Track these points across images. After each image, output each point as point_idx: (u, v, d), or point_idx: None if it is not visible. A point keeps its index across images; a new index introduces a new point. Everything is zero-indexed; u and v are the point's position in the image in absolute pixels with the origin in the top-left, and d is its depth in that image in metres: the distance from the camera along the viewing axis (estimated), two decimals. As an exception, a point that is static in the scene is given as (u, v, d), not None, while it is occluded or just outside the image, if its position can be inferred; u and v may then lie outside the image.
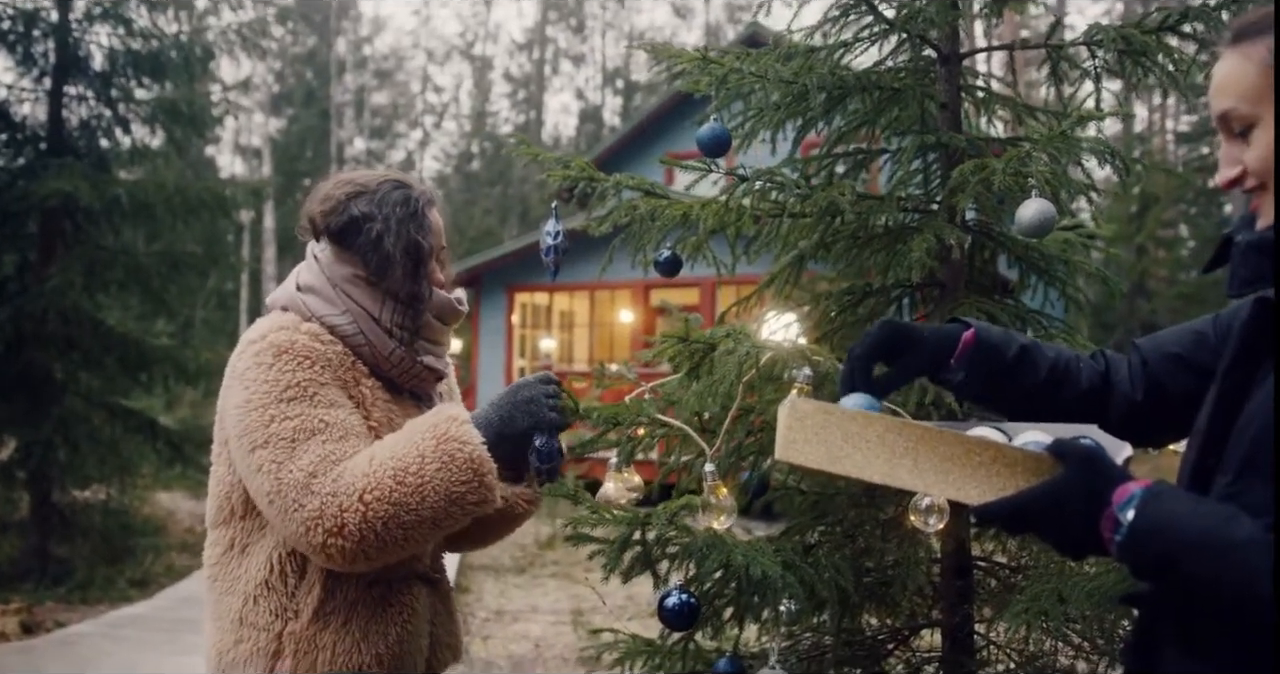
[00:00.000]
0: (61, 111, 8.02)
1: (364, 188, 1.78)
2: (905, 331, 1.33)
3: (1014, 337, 1.35)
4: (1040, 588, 1.86)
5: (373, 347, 1.75)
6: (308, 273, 1.80)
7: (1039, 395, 1.35)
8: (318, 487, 1.57)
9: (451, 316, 1.87)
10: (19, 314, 7.38)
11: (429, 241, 1.77)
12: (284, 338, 1.68)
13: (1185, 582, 1.06)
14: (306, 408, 1.63)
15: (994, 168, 1.84)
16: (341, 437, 1.62)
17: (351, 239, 1.75)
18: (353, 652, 1.68)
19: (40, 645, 5.58)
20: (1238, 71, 1.11)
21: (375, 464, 1.58)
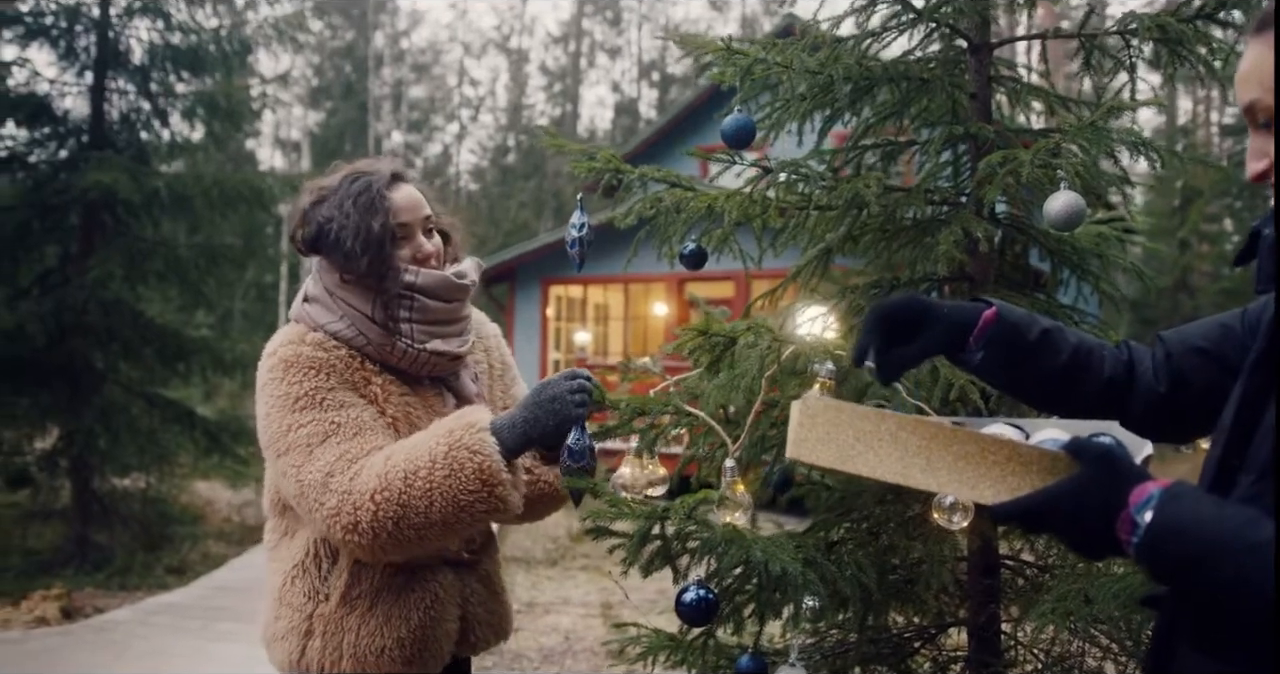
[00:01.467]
0: (103, 105, 8.13)
1: (325, 191, 1.84)
2: (924, 305, 1.29)
3: (1037, 319, 1.31)
4: (1067, 588, 1.83)
5: (373, 343, 1.80)
6: (311, 284, 1.89)
7: (1060, 381, 1.31)
8: (335, 485, 1.65)
9: (451, 293, 1.86)
10: (60, 305, 7.50)
11: (383, 221, 1.78)
12: (290, 352, 1.78)
13: (1203, 586, 1.03)
14: (317, 414, 1.71)
15: (1022, 160, 1.80)
16: (355, 434, 1.70)
17: (322, 245, 1.82)
18: (375, 635, 1.78)
19: (78, 630, 5.68)
20: (1263, 61, 1.08)
21: (389, 464, 1.64)
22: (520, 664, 5.55)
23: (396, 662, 1.78)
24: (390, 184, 1.84)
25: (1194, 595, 1.10)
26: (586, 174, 2.42)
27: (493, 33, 40.15)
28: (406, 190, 1.86)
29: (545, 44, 39.46)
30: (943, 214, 2.22)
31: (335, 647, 1.78)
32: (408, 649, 1.79)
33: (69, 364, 7.65)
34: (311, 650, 1.80)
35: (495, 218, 29.64)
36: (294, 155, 32.65)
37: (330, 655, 1.78)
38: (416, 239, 1.85)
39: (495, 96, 39.63)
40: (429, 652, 1.81)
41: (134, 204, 7.60)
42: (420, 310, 1.83)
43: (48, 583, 6.53)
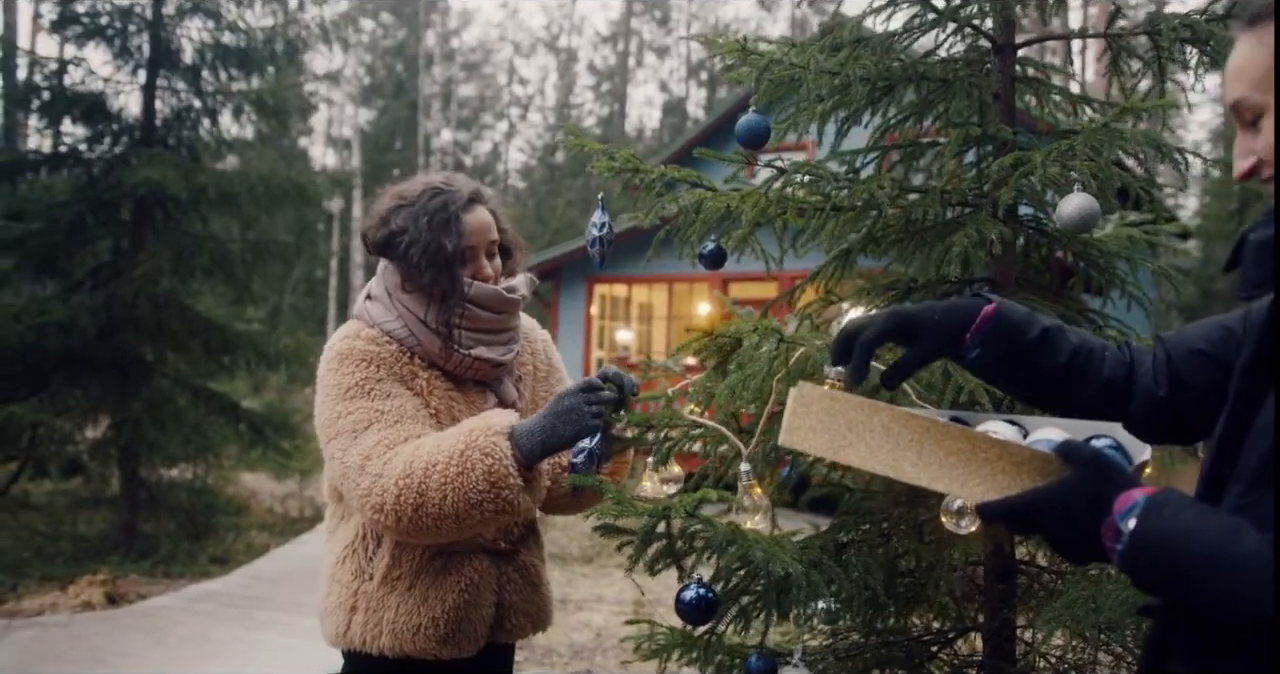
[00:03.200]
0: (154, 103, 8.30)
1: (404, 200, 1.96)
2: (913, 320, 1.27)
3: (1037, 318, 1.29)
4: (1076, 594, 1.81)
5: (423, 346, 1.94)
6: (375, 283, 2.03)
7: (1058, 381, 1.29)
8: (371, 468, 1.77)
9: (502, 305, 1.99)
10: (111, 298, 7.68)
11: (455, 243, 1.90)
12: (345, 346, 1.91)
13: (1184, 596, 1.02)
14: (364, 403, 1.84)
15: (1035, 162, 1.78)
16: (396, 421, 1.82)
17: (392, 251, 1.95)
18: (413, 613, 1.89)
19: (121, 615, 5.82)
20: (1251, 57, 1.06)
21: (416, 454, 1.76)
22: (550, 659, 5.59)
23: (431, 640, 1.88)
24: (466, 206, 1.96)
25: (1180, 606, 1.09)
26: (607, 173, 2.43)
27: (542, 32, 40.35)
28: (479, 213, 1.99)
29: (594, 43, 39.61)
30: (962, 216, 2.20)
31: (375, 623, 1.90)
32: (441, 629, 1.89)
33: (119, 356, 7.82)
34: (355, 625, 1.92)
35: (542, 216, 29.79)
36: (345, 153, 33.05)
37: (371, 631, 1.91)
38: (479, 261, 1.98)
39: (544, 95, 39.84)
40: (462, 633, 1.91)
41: (182, 200, 7.75)
42: (471, 319, 1.95)
43: (94, 569, 6.70)
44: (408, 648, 1.88)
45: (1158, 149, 1.90)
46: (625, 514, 1.69)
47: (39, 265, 8.04)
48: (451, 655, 1.90)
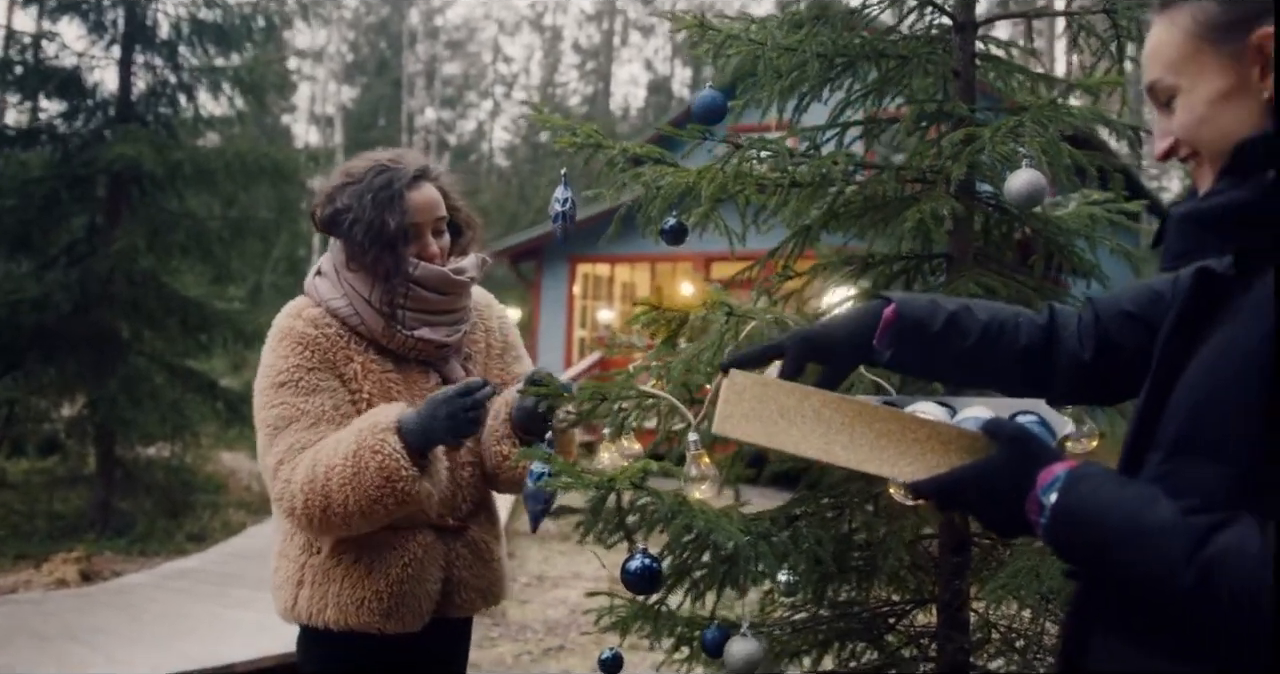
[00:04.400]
0: (129, 79, 8.23)
1: (350, 178, 1.95)
2: (821, 341, 1.32)
3: (941, 305, 1.31)
4: (1021, 564, 1.84)
5: (367, 324, 1.94)
6: (325, 259, 2.04)
7: (974, 360, 1.31)
8: (282, 473, 1.84)
9: (447, 286, 1.98)
10: (86, 275, 7.64)
11: (398, 221, 1.90)
12: (287, 324, 1.95)
13: (1105, 569, 1.04)
14: (289, 397, 1.87)
15: (984, 138, 1.80)
16: (313, 423, 1.86)
17: (336, 229, 1.94)
18: (357, 587, 1.91)
19: (95, 593, 5.83)
20: (1164, 40, 1.08)
21: (318, 458, 1.81)
22: (525, 635, 5.63)
23: (374, 613, 1.90)
24: (412, 183, 1.95)
25: (1103, 580, 1.11)
26: (568, 147, 2.43)
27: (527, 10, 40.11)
28: (426, 190, 1.98)
29: (579, 22, 39.35)
30: (919, 192, 2.21)
31: (321, 596, 1.93)
32: (385, 602, 1.91)
33: (94, 334, 7.80)
34: (302, 599, 1.95)
35: (525, 195, 29.72)
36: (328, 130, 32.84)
37: (317, 604, 1.93)
38: (425, 239, 1.97)
39: (529, 74, 39.62)
40: (405, 607, 1.92)
41: (158, 177, 7.70)
42: (415, 300, 1.95)
43: (70, 546, 6.70)
44: (351, 621, 1.90)
45: (1106, 125, 1.92)
46: (574, 486, 1.71)
47: (13, 242, 7.98)
48: (395, 629, 1.92)
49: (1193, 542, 0.92)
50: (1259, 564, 0.89)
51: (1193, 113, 1.06)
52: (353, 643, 1.93)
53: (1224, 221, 1.03)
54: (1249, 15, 1.01)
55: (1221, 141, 1.04)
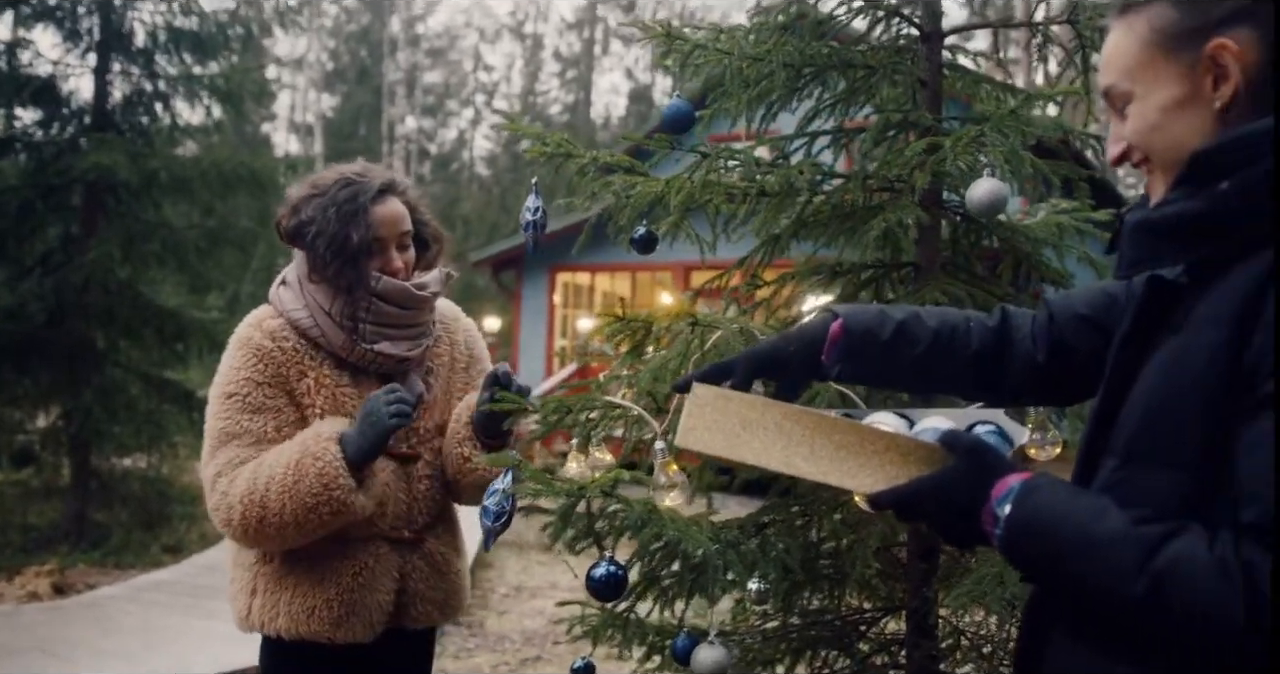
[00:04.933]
0: (105, 87, 8.18)
1: (315, 190, 1.95)
2: (769, 358, 1.33)
3: (889, 315, 1.33)
4: (986, 570, 1.85)
5: (326, 337, 1.95)
6: (290, 269, 2.04)
7: (925, 366, 1.33)
8: (219, 486, 1.87)
9: (408, 301, 1.99)
10: (61, 285, 7.58)
11: (362, 235, 1.90)
12: (246, 334, 1.96)
13: (1057, 580, 1.05)
14: (235, 411, 1.90)
15: (946, 147, 1.82)
16: (254, 442, 1.89)
17: (300, 241, 1.95)
18: (308, 595, 1.93)
19: (68, 606, 5.77)
20: (1121, 45, 1.09)
21: (259, 469, 1.84)
22: (503, 646, 5.61)
23: (324, 622, 1.91)
24: (377, 197, 1.95)
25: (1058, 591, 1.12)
26: (539, 156, 2.44)
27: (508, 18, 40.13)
28: (391, 205, 1.98)
29: (560, 30, 39.43)
30: (885, 202, 2.23)
31: (273, 604, 1.95)
32: (335, 611, 1.92)
33: (69, 344, 7.72)
34: (255, 607, 1.97)
35: (507, 204, 29.68)
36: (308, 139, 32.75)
37: (269, 613, 1.94)
38: (388, 253, 1.97)
39: (510, 83, 39.64)
40: (355, 617, 1.93)
41: (133, 186, 7.65)
42: (376, 313, 1.96)
43: (43, 559, 6.62)
44: (302, 630, 1.91)
45: (1066, 135, 1.94)
46: (544, 493, 1.71)
47: (-13, 252, 7.91)
48: (345, 639, 1.92)
49: (1143, 552, 0.93)
50: (1208, 574, 0.90)
51: (1145, 120, 1.07)
52: (307, 652, 1.94)
53: (1177, 231, 1.04)
54: (1205, 25, 1.03)
55: (1173, 149, 1.06)
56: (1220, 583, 0.88)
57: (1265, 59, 1.01)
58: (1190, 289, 1.07)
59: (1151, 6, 1.06)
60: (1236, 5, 1.02)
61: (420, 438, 2.04)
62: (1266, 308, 0.93)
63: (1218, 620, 0.88)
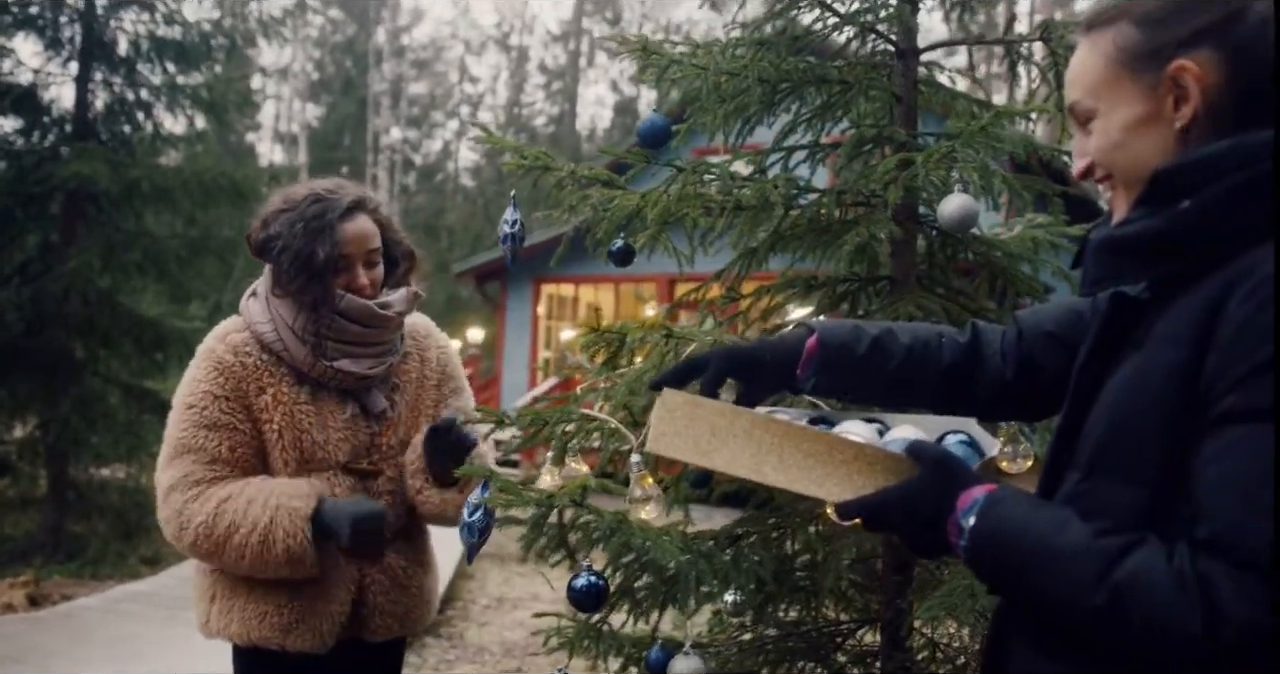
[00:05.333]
0: (87, 96, 8.15)
1: (286, 205, 1.96)
2: (746, 359, 1.33)
3: (864, 330, 1.34)
4: (957, 582, 1.86)
5: (289, 351, 1.95)
6: (260, 282, 2.06)
7: (898, 381, 1.34)
8: (173, 500, 1.91)
9: (371, 320, 1.99)
10: (40, 294, 7.53)
11: (328, 252, 1.91)
12: (209, 345, 1.98)
13: (1019, 592, 1.06)
14: (193, 424, 1.92)
15: (918, 163, 1.84)
16: (209, 461, 1.92)
17: (267, 255, 1.96)
18: (261, 600, 1.96)
19: (44, 617, 5.71)
20: (1086, 63, 1.10)
21: (223, 510, 1.87)
22: (483, 657, 5.59)
23: (274, 628, 1.94)
24: (346, 214, 1.96)
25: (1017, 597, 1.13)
26: (516, 169, 2.45)
27: (493, 30, 40.20)
28: (360, 222, 1.98)
29: (545, 42, 39.51)
30: (859, 216, 2.25)
31: (229, 609, 1.98)
32: (285, 617, 1.94)
33: (47, 353, 7.67)
34: (213, 613, 2.00)
35: (491, 215, 29.64)
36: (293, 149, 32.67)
37: (224, 618, 1.97)
38: (354, 270, 1.98)
39: (495, 94, 39.68)
40: (306, 624, 1.95)
41: (114, 195, 7.62)
42: (338, 331, 1.96)
43: (18, 571, 6.56)
44: (254, 635, 1.94)
45: (1036, 150, 1.97)
46: (515, 504, 1.71)
47: (-36, 260, 7.86)
48: (297, 647, 1.94)
49: (1104, 564, 0.94)
50: (1167, 587, 0.91)
51: (1108, 137, 1.09)
52: (269, 661, 1.95)
53: (1138, 249, 1.06)
54: (1167, 46, 1.04)
55: (1134, 167, 1.08)
56: (1178, 595, 0.90)
57: (1226, 80, 1.03)
58: (1153, 305, 1.09)
59: (1116, 25, 1.07)
60: (1198, 27, 1.03)
61: (382, 454, 2.04)
62: (1221, 326, 0.94)
63: (1175, 632, 0.89)
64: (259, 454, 1.97)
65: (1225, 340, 0.93)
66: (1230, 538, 0.88)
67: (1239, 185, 0.98)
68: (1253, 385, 0.90)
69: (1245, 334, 0.92)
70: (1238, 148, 0.99)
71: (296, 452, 1.95)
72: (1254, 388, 0.90)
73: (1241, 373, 0.91)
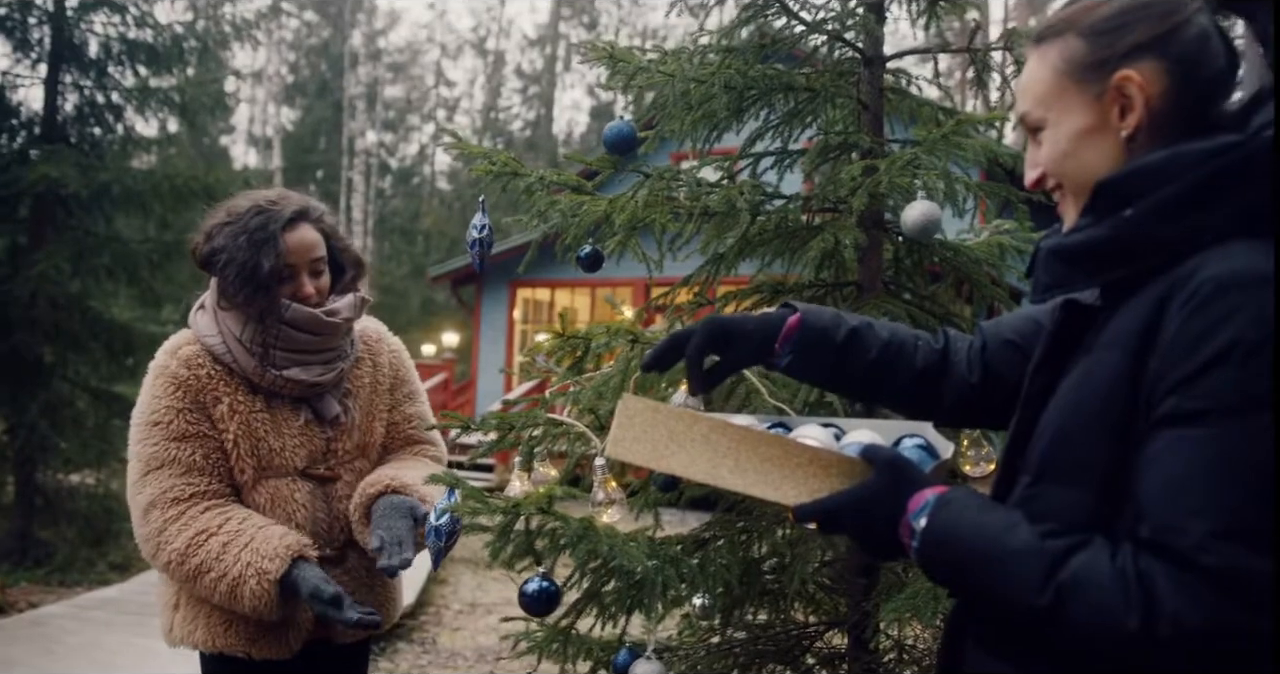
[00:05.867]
0: (56, 99, 8.08)
1: (229, 217, 1.98)
2: (729, 327, 1.34)
3: (845, 320, 1.36)
4: (921, 585, 1.88)
5: (239, 362, 1.96)
6: (207, 294, 2.06)
7: (871, 375, 1.35)
8: (152, 520, 1.92)
9: (318, 328, 2.00)
10: (7, 298, 7.45)
11: (272, 262, 1.92)
12: (162, 362, 1.98)
13: (967, 592, 1.08)
14: (161, 438, 1.92)
15: (881, 170, 1.86)
16: (185, 471, 1.92)
17: (213, 267, 1.97)
18: (228, 610, 1.95)
19: (9, 624, 5.64)
20: (1035, 74, 1.13)
21: (199, 542, 1.88)
22: (455, 662, 5.58)
23: (241, 636, 1.95)
24: (289, 224, 1.97)
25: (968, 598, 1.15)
26: (485, 175, 2.46)
27: (470, 34, 40.14)
28: (303, 231, 2.00)
29: (521, 47, 39.50)
30: (826, 223, 2.27)
31: (194, 618, 1.98)
32: (252, 626, 1.95)
33: (15, 358, 7.59)
34: (177, 621, 2.01)
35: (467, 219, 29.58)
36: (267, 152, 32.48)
37: (189, 626, 1.98)
38: (300, 280, 1.99)
39: (472, 98, 39.61)
40: (273, 633, 1.96)
41: (83, 198, 7.55)
42: (286, 340, 1.97)
43: (-17, 578, 6.49)
44: (220, 643, 1.94)
45: (995, 160, 1.99)
46: (481, 511, 1.72)
47: (-69, 264, 7.76)
48: (264, 655, 1.95)
49: (1049, 564, 0.96)
50: (1107, 585, 0.93)
51: (1057, 147, 1.12)
52: (235, 667, 1.96)
53: (1085, 257, 1.08)
54: (1111, 57, 1.07)
55: (1083, 176, 1.10)
56: (1119, 593, 0.92)
57: (1169, 89, 1.06)
58: (1103, 311, 1.11)
59: (1063, 38, 1.10)
60: (1141, 39, 1.06)
61: (339, 459, 2.06)
62: (1162, 331, 0.97)
63: (1115, 629, 0.91)
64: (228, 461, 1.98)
65: (1165, 345, 0.96)
66: (1169, 537, 0.91)
67: (1179, 193, 1.01)
68: (1191, 389, 0.93)
69: (1183, 339, 0.94)
70: (1176, 157, 1.02)
71: (254, 458, 1.96)
72: (1192, 391, 0.93)
73: (1180, 377, 0.93)
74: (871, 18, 2.29)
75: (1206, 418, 0.91)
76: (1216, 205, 0.99)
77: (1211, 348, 0.92)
